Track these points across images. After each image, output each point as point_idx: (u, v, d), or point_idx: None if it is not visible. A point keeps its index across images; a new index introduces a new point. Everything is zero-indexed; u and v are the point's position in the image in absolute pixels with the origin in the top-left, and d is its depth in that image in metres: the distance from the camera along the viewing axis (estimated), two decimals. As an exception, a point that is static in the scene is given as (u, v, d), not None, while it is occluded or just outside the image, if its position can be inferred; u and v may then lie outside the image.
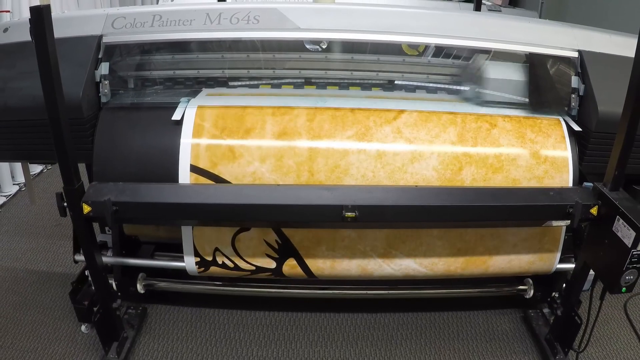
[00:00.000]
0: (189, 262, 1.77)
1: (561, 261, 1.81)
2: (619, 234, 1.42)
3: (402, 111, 1.70)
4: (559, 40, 1.77)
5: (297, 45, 1.84)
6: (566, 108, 1.75)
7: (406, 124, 1.68)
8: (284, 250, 1.73)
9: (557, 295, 1.94)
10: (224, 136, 1.64)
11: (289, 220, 1.63)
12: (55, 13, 1.35)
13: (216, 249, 1.73)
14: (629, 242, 1.38)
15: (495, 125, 1.70)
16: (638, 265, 1.41)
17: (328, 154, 1.63)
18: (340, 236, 1.72)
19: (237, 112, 1.66)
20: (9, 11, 2.90)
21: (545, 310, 2.04)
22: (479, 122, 1.70)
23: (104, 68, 1.68)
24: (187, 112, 1.66)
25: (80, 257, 1.75)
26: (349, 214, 1.47)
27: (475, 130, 1.68)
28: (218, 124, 1.64)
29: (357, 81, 1.89)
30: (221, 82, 1.87)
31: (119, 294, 1.88)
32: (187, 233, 1.72)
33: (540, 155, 1.67)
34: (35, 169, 3.34)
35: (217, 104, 1.68)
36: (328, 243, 1.72)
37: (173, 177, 1.61)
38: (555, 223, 1.64)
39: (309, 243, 1.72)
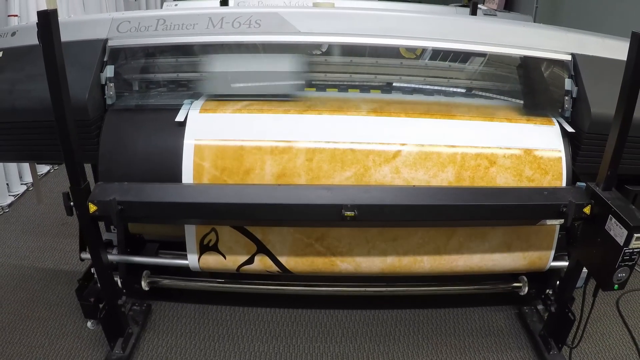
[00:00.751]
0: (192, 260, 1.77)
1: (555, 259, 1.81)
2: (612, 233, 1.43)
3: (399, 151, 1.67)
4: (552, 43, 1.77)
5: (298, 49, 1.84)
6: (560, 110, 1.75)
7: (405, 163, 1.66)
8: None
9: (551, 292, 1.94)
10: (224, 177, 1.63)
11: (290, 219, 1.63)
12: (62, 17, 1.35)
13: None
14: (621, 240, 1.38)
15: (494, 163, 1.67)
16: (630, 263, 1.41)
17: None
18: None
19: (236, 152, 1.63)
20: (17, 15, 2.90)
21: (540, 307, 2.04)
22: (478, 160, 1.67)
23: (109, 71, 1.68)
24: (190, 113, 1.66)
25: (86, 255, 1.75)
26: (349, 213, 1.47)
27: (474, 169, 1.66)
28: (217, 164, 1.63)
29: (356, 83, 1.89)
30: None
31: (124, 291, 1.88)
32: (190, 231, 1.72)
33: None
34: (43, 169, 3.34)
35: (215, 140, 1.64)
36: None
37: (177, 176, 1.61)
38: (549, 222, 1.64)
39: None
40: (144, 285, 1.89)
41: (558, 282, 1.87)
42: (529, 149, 1.67)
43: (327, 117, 1.70)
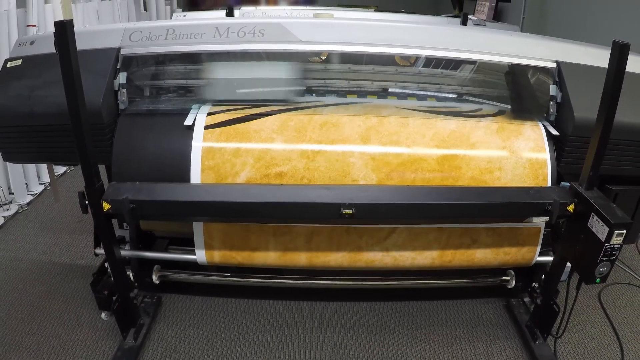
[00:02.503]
0: (200, 255, 1.77)
1: (541, 254, 1.81)
2: (594, 230, 1.43)
3: (393, 229, 1.72)
4: (538, 52, 1.77)
5: (299, 57, 1.84)
6: (545, 114, 1.75)
7: (395, 244, 1.74)
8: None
9: (536, 285, 1.94)
10: (234, 254, 1.73)
11: (292, 217, 1.63)
12: (77, 27, 1.35)
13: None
14: (602, 236, 1.39)
15: (477, 241, 1.74)
16: (611, 258, 1.41)
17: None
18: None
19: (242, 232, 1.72)
20: (35, 25, 2.91)
21: (526, 299, 2.04)
22: (462, 239, 1.74)
23: (122, 77, 1.68)
24: (198, 117, 1.66)
25: (100, 251, 1.75)
26: (347, 211, 1.47)
27: (457, 246, 1.74)
28: (226, 242, 1.73)
29: (354, 89, 1.89)
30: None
31: (136, 284, 1.88)
32: (198, 228, 1.72)
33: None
34: (59, 169, 3.34)
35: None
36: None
37: (185, 177, 1.61)
38: (535, 219, 1.64)
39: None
40: (155, 278, 1.88)
41: (543, 276, 1.87)
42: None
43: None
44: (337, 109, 1.76)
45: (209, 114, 1.68)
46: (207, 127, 1.64)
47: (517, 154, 1.66)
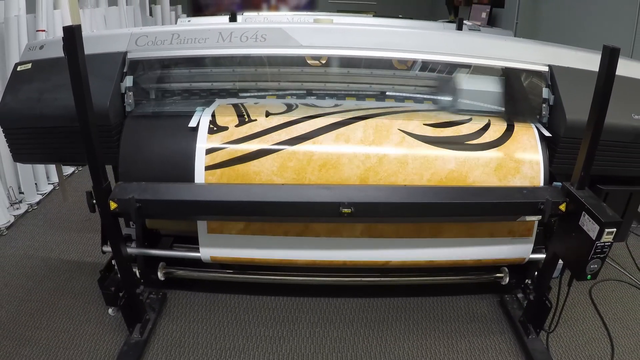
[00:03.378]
0: (204, 252, 1.77)
1: (534, 252, 1.81)
2: (585, 228, 1.43)
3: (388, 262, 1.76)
4: (531, 56, 1.77)
5: (300, 61, 1.84)
6: (538, 116, 1.75)
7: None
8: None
9: (529, 282, 1.94)
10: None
11: (293, 215, 1.63)
12: (85, 32, 1.35)
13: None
14: (593, 234, 1.39)
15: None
16: (601, 256, 1.41)
17: None
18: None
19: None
20: (44, 30, 2.91)
21: (519, 295, 2.04)
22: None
23: (128, 81, 1.68)
24: (202, 119, 1.66)
25: (107, 249, 1.75)
26: (346, 210, 1.47)
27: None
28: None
29: (353, 92, 1.89)
30: (232, 93, 1.87)
31: (142, 280, 1.88)
32: (202, 227, 1.72)
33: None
34: (68, 170, 3.34)
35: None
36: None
37: (189, 177, 1.61)
38: (528, 218, 1.63)
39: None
40: (160, 275, 1.89)
41: (536, 272, 1.87)
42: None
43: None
44: (330, 123, 1.71)
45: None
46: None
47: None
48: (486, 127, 1.72)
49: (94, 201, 1.50)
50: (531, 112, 1.77)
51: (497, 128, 1.71)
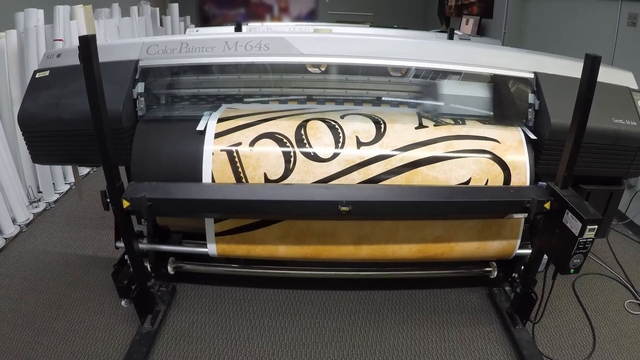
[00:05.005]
0: (211, 248, 1.77)
1: (520, 247, 1.80)
2: (568, 225, 1.43)
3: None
4: (518, 63, 1.77)
5: (301, 68, 1.84)
6: (524, 120, 1.75)
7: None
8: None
9: (516, 275, 1.94)
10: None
11: (294, 214, 1.63)
12: (100, 41, 1.35)
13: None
14: (576, 231, 1.39)
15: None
16: (584, 251, 1.41)
17: None
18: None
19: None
20: (61, 40, 2.91)
21: (507, 288, 2.04)
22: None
23: (140, 87, 1.68)
24: (209, 123, 1.66)
25: (120, 244, 1.75)
26: (344, 208, 1.47)
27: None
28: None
29: (351, 98, 1.89)
30: (237, 99, 1.87)
31: (153, 274, 1.89)
32: (209, 224, 1.72)
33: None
34: (83, 170, 3.34)
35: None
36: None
37: (197, 177, 1.61)
38: (515, 216, 1.64)
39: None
40: (170, 269, 1.89)
41: (523, 267, 1.87)
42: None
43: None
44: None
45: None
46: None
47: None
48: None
49: (108, 200, 1.50)
50: (518, 116, 1.77)
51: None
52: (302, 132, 1.65)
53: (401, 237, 1.75)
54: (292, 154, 1.62)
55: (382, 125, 1.67)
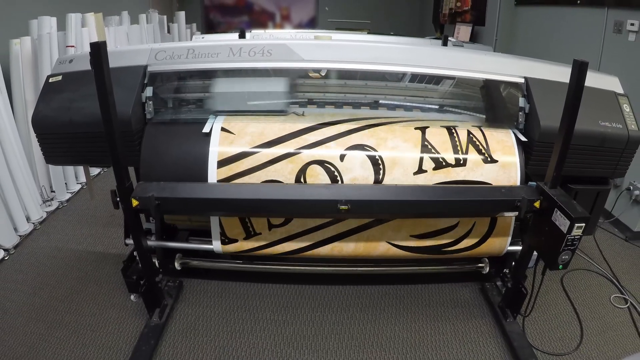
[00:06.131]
0: (216, 245, 1.77)
1: (511, 244, 1.81)
2: (557, 223, 1.43)
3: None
4: (509, 69, 1.77)
5: (302, 73, 1.84)
6: (515, 123, 1.75)
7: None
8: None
9: (507, 271, 1.94)
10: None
11: (295, 212, 1.63)
12: (110, 47, 1.35)
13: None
14: (564, 229, 1.39)
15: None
16: (572, 248, 1.41)
17: None
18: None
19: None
20: (73, 46, 2.91)
21: (498, 283, 2.04)
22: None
23: (148, 91, 1.68)
24: (215, 126, 1.66)
25: (129, 241, 1.75)
26: (343, 207, 1.47)
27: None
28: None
29: (349, 101, 1.89)
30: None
31: (161, 270, 1.88)
32: (214, 222, 1.72)
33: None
34: (94, 171, 3.34)
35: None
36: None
37: (203, 177, 1.61)
38: (506, 214, 1.64)
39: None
40: (177, 265, 1.89)
41: (513, 263, 1.87)
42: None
43: None
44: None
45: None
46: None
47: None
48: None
49: (118, 199, 1.50)
50: (509, 119, 1.77)
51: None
52: (302, 179, 1.63)
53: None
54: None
55: (381, 170, 1.63)
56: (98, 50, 1.26)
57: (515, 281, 1.79)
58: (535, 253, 1.68)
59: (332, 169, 1.62)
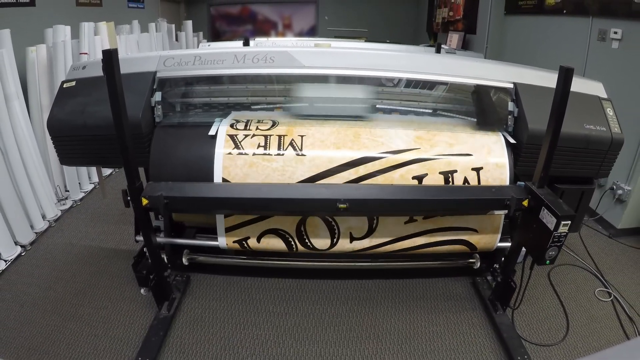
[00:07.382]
0: (222, 241, 1.77)
1: (501, 241, 1.81)
2: (544, 220, 1.43)
3: (381, 221, 1.73)
4: (499, 75, 1.77)
5: (303, 79, 1.84)
6: (504, 126, 1.75)
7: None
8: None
9: (497, 266, 1.94)
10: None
11: (297, 210, 1.63)
12: (121, 54, 1.35)
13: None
14: (551, 226, 1.39)
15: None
16: (558, 244, 1.41)
17: None
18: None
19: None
20: (87, 53, 2.91)
21: (489, 278, 2.04)
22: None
23: (157, 96, 1.68)
24: (220, 129, 1.66)
25: (140, 238, 1.75)
26: (342, 205, 1.47)
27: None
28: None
29: (347, 105, 1.88)
30: (246, 106, 1.87)
31: (169, 265, 1.89)
32: (220, 220, 1.72)
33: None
34: (106, 171, 3.34)
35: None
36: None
37: (209, 177, 1.61)
38: (496, 212, 1.64)
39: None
40: (185, 261, 1.89)
41: (503, 258, 1.87)
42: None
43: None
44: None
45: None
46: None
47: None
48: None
49: (129, 198, 1.50)
50: (499, 122, 1.77)
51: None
52: (302, 229, 1.69)
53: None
54: (293, 247, 1.73)
55: (375, 221, 1.71)
56: (110, 57, 1.27)
57: (504, 276, 1.79)
58: (523, 249, 1.68)
59: (330, 219, 1.68)
